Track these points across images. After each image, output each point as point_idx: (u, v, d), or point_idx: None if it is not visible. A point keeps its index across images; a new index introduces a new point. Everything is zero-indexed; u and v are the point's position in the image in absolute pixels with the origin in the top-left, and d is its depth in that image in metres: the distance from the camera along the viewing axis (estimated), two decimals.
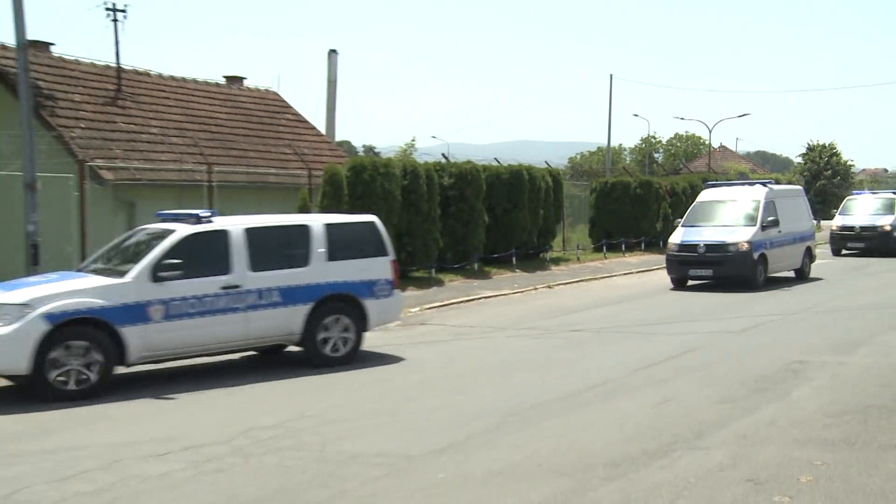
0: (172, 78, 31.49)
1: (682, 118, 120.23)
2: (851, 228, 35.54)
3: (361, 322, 14.88)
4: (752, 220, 25.10)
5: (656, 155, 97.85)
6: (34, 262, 18.36)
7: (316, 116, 37.65)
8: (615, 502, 7.11)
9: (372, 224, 15.76)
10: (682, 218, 27.07)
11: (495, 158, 31.23)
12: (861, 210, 36.69)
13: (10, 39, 23.91)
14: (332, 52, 39.36)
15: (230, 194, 25.87)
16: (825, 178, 72.81)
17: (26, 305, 12.16)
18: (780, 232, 25.73)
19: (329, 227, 15.00)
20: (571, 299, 22.13)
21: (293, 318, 14.11)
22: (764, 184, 27.52)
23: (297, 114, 34.81)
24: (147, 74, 30.45)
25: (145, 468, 8.56)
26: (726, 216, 25.55)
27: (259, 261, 13.99)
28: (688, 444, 8.82)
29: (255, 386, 12.74)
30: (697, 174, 50.41)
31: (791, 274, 26.97)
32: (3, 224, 22.05)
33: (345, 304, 14.70)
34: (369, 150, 52.97)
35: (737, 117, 68.12)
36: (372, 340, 15.52)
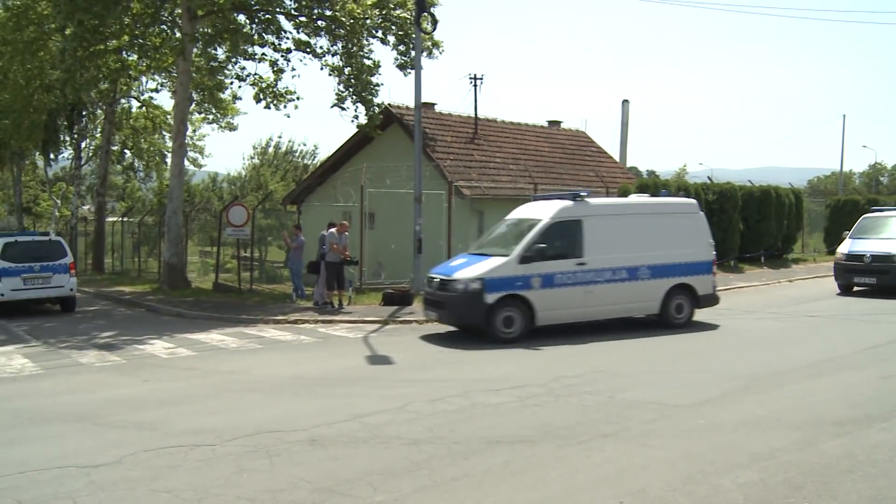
0: (511, 123, 31.95)
1: None
2: (860, 258, 19.89)
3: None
4: None
5: (882, 178, 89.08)
6: (419, 251, 19.57)
7: (612, 148, 37.38)
8: (840, 454, 6.66)
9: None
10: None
11: (749, 180, 29.71)
12: (879, 232, 20.69)
13: (409, 102, 25.51)
14: (625, 101, 39.07)
15: None
16: None
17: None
18: None
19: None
20: (808, 291, 20.68)
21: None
22: None
23: (598, 147, 34.56)
24: (494, 121, 31.12)
25: (487, 398, 8.84)
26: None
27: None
28: None
29: (561, 347, 12.74)
30: None
31: None
32: (403, 225, 23.39)
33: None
34: (651, 173, 51.96)
35: None
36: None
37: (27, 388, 10.59)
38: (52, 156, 41.63)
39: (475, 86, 28.74)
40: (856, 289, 20.10)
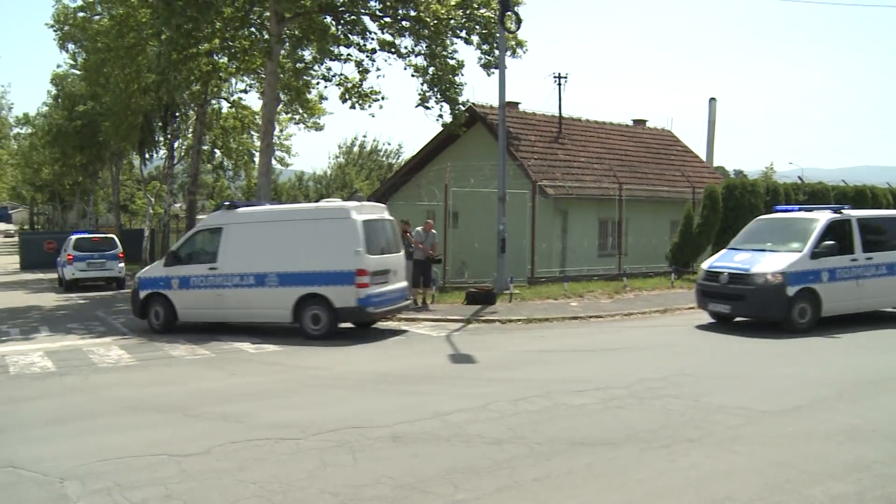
0: (595, 122, 31.60)
1: None
2: (716, 276, 14.71)
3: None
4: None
5: None
6: (502, 251, 19.55)
7: (699, 147, 36.48)
8: None
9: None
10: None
11: (842, 180, 28.63)
12: (766, 240, 15.13)
13: (493, 101, 25.53)
14: (712, 99, 38.21)
15: (633, 205, 25.87)
16: None
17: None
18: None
19: None
20: None
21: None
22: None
23: (684, 146, 33.86)
24: (578, 120, 30.84)
25: (569, 399, 8.77)
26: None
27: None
28: None
29: (642, 351, 12.55)
30: None
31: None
32: (486, 224, 23.39)
33: None
34: (738, 173, 50.56)
35: None
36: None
37: (124, 378, 11.05)
38: (147, 155, 43.33)
39: (559, 84, 28.51)
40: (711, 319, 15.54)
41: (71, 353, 13.31)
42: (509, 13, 19.17)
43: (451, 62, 23.00)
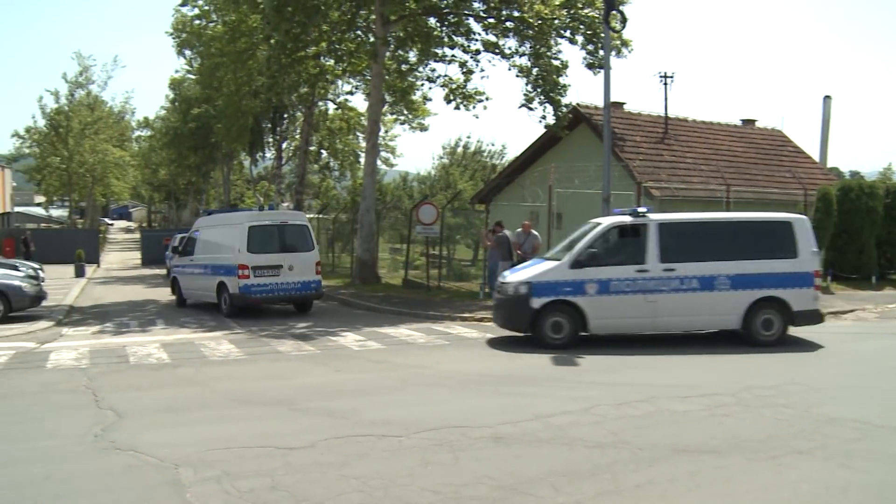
0: (702, 122, 30.79)
1: None
2: (500, 287, 13.81)
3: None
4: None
5: None
6: None
7: (811, 148, 35.12)
8: None
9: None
10: None
11: None
12: (564, 248, 13.61)
13: (597, 101, 25.24)
14: (827, 97, 36.55)
15: (741, 208, 25.01)
16: None
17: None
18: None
19: None
20: None
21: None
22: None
23: (796, 146, 32.60)
24: (685, 120, 30.14)
25: (673, 405, 8.60)
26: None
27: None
28: None
29: (754, 356, 12.15)
30: None
31: None
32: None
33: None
34: (855, 174, 48.38)
35: None
36: (844, 326, 14.35)
37: (234, 371, 11.48)
38: (256, 156, 44.80)
39: (665, 84, 27.91)
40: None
41: (184, 345, 13.91)
42: (614, 12, 18.86)
43: (556, 63, 22.86)
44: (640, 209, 13.49)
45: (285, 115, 41.15)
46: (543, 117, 23.51)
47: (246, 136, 36.19)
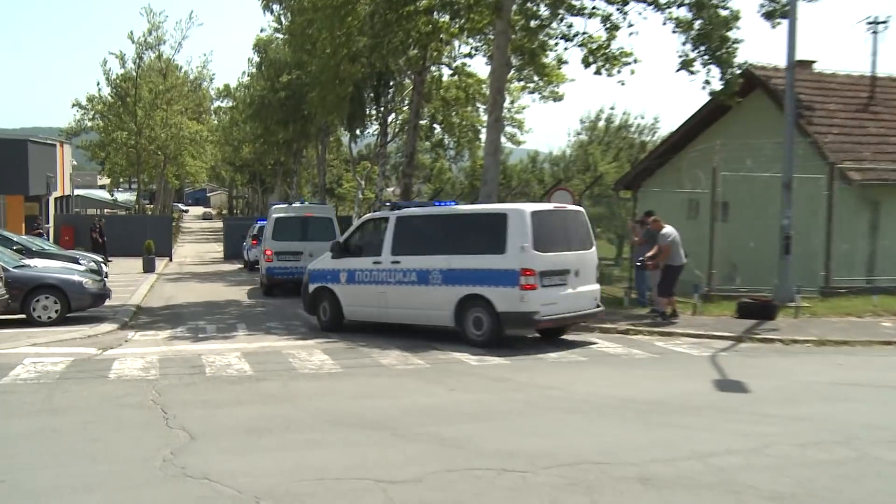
0: None
1: None
2: None
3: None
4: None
5: None
6: (786, 252, 18.69)
7: None
8: None
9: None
10: None
11: None
12: None
13: (777, 61, 24.52)
14: None
15: None
16: None
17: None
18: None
19: None
20: None
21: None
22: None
23: None
24: None
25: (882, 451, 8.18)
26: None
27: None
28: None
29: None
30: None
31: None
32: (765, 217, 22.55)
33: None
34: None
35: None
36: None
37: (327, 386, 11.71)
38: (357, 132, 45.56)
39: (874, 33, 26.66)
40: None
41: (269, 355, 14.32)
42: None
43: (724, 13, 22.24)
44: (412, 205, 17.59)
45: (391, 83, 41.68)
46: (707, 82, 22.92)
47: (344, 107, 36.71)
